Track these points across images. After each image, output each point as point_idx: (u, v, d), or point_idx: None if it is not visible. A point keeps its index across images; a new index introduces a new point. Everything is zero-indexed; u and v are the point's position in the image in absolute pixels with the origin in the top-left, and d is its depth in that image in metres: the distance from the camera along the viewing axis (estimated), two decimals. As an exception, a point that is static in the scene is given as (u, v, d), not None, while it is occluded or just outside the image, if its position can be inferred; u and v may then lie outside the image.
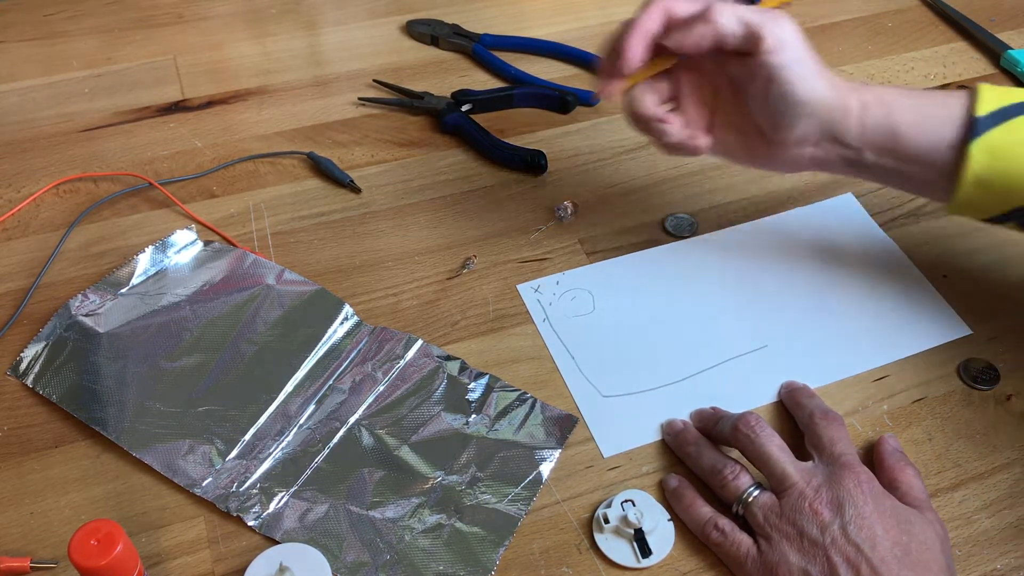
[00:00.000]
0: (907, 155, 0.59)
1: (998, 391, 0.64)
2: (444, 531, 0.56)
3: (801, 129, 0.59)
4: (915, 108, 0.59)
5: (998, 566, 0.55)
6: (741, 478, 0.55)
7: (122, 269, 0.69)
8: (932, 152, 0.59)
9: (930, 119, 0.58)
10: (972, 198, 0.59)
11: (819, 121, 0.59)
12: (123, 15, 0.94)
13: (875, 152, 0.60)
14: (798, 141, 0.60)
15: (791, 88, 0.57)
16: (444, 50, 0.92)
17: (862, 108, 0.59)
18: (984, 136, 0.57)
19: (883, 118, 0.59)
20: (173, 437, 0.59)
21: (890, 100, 0.59)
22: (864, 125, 0.59)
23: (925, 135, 0.58)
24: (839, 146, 0.60)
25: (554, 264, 0.71)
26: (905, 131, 0.59)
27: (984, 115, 0.57)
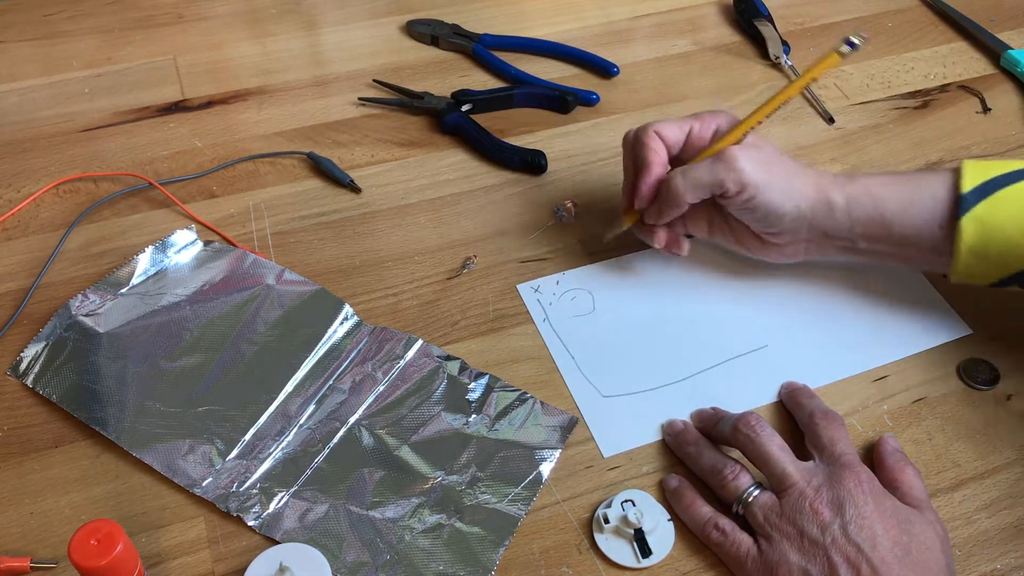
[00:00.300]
0: (899, 240, 0.62)
1: (998, 391, 0.64)
2: (444, 531, 0.56)
3: (789, 233, 0.64)
4: (901, 195, 0.62)
5: (998, 566, 0.55)
6: (741, 478, 0.55)
7: (122, 269, 0.69)
8: (923, 234, 0.61)
9: (916, 204, 0.61)
10: (970, 269, 0.61)
11: (806, 223, 0.63)
12: (123, 15, 0.94)
13: (867, 240, 0.63)
14: (790, 241, 0.65)
15: (767, 211, 0.62)
16: (444, 50, 0.92)
17: (848, 202, 0.62)
18: (972, 211, 0.59)
19: (871, 209, 0.62)
20: (173, 437, 0.59)
21: (876, 191, 0.62)
22: (852, 218, 0.62)
23: (913, 220, 0.61)
24: (831, 238, 0.64)
25: (554, 264, 0.72)
26: (894, 219, 0.62)
27: (969, 191, 0.59)
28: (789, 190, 0.62)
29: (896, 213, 0.62)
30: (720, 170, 0.61)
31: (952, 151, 0.82)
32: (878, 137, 0.83)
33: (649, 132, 0.65)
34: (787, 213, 0.62)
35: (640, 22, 0.96)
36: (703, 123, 0.65)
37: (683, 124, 0.65)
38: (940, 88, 0.89)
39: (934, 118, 0.85)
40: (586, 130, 0.83)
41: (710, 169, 0.62)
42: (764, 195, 0.62)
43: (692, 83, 0.88)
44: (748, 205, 0.62)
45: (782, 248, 0.66)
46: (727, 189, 0.62)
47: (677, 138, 0.65)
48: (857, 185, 0.63)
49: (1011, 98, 0.88)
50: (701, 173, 0.62)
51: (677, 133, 0.65)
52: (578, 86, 0.86)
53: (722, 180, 0.61)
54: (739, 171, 0.61)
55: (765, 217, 0.63)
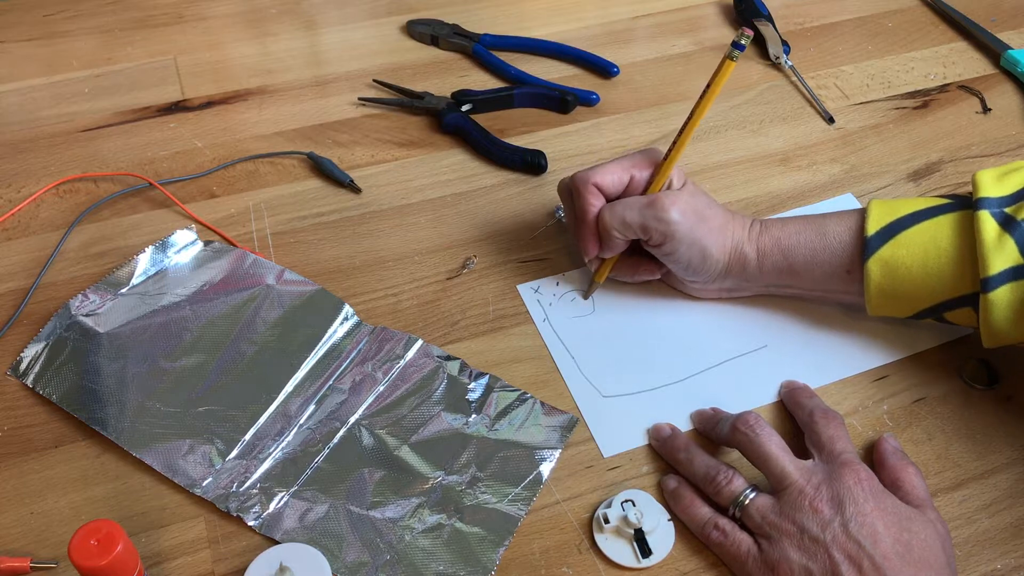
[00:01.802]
0: (810, 286, 0.65)
1: (998, 391, 0.64)
2: (444, 531, 0.56)
3: (703, 281, 0.66)
4: (808, 244, 0.64)
5: (998, 566, 0.55)
6: (735, 482, 0.55)
7: (122, 269, 0.69)
8: (831, 280, 0.64)
9: (823, 252, 0.63)
10: (883, 307, 0.63)
11: (722, 274, 0.65)
12: (123, 15, 0.94)
13: (780, 286, 0.66)
14: (705, 284, 0.67)
15: (688, 263, 0.64)
16: (444, 50, 0.92)
17: (760, 256, 0.65)
18: (877, 253, 0.61)
19: (780, 261, 0.64)
20: (173, 437, 0.59)
21: (784, 242, 0.64)
22: (763, 270, 0.65)
23: (821, 267, 0.64)
24: (745, 282, 0.66)
25: (554, 264, 0.71)
26: (802, 269, 0.64)
27: (873, 234, 0.61)
28: (709, 246, 0.63)
29: (804, 263, 0.64)
30: (649, 216, 0.62)
31: (952, 151, 0.82)
32: (878, 137, 0.83)
33: (588, 185, 0.64)
34: (705, 268, 0.64)
35: (640, 22, 0.96)
36: (642, 168, 0.64)
37: (622, 172, 0.64)
38: (940, 88, 0.89)
39: (934, 118, 0.85)
40: (586, 130, 0.83)
41: (640, 212, 0.62)
42: (686, 249, 0.63)
43: (692, 83, 0.88)
44: (669, 256, 0.64)
45: (701, 290, 0.68)
46: (651, 236, 0.62)
47: (615, 187, 0.64)
48: (767, 237, 0.64)
49: (1011, 98, 0.88)
50: (631, 213, 0.62)
51: (616, 183, 0.64)
52: (578, 86, 0.86)
53: (648, 227, 0.62)
54: (667, 222, 0.61)
55: (685, 268, 0.65)
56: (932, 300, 0.61)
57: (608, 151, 0.81)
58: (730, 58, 0.60)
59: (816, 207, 0.76)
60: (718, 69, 0.61)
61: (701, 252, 0.63)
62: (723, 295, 0.68)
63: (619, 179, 0.64)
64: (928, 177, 0.79)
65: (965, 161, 0.81)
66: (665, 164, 0.63)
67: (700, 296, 0.69)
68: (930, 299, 0.61)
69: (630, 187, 0.64)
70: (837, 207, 0.76)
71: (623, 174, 0.64)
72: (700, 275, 0.65)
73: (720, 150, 0.81)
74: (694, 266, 0.64)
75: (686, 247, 0.63)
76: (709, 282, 0.66)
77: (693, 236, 0.62)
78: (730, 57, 0.60)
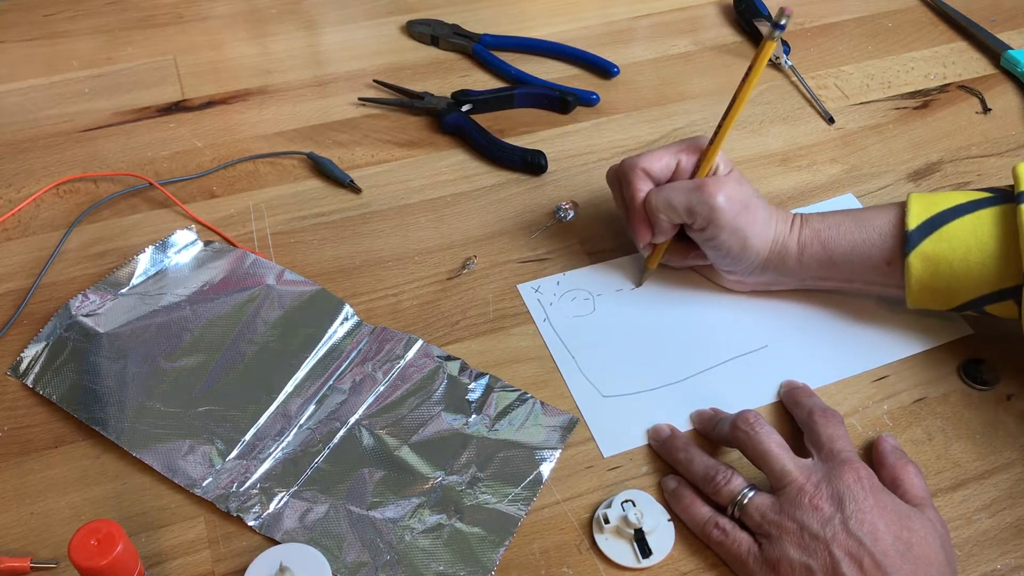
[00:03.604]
0: (848, 278, 0.65)
1: (998, 391, 0.64)
2: (444, 531, 0.56)
3: (742, 272, 0.66)
4: (848, 236, 0.64)
5: (998, 566, 0.55)
6: (734, 481, 0.55)
7: (122, 269, 0.69)
8: (871, 272, 0.64)
9: (864, 244, 0.63)
10: (923, 300, 0.63)
11: (760, 267, 0.65)
12: (123, 15, 0.94)
13: (818, 279, 0.66)
14: (743, 277, 0.67)
15: (727, 252, 0.64)
16: (444, 50, 0.92)
17: (800, 248, 0.65)
18: (918, 248, 0.61)
19: (820, 253, 0.64)
20: (173, 437, 0.59)
21: (824, 235, 0.64)
22: (803, 262, 0.65)
23: (861, 260, 0.64)
24: (783, 276, 0.66)
25: (554, 264, 0.72)
26: (842, 261, 0.64)
27: (914, 228, 0.61)
28: (751, 236, 0.63)
29: (843, 254, 0.64)
30: (695, 200, 0.62)
31: (952, 151, 0.82)
32: (878, 137, 0.83)
33: (636, 170, 0.64)
34: (744, 258, 0.64)
35: (640, 22, 0.96)
36: (690, 154, 0.65)
37: (670, 157, 0.65)
38: (940, 88, 0.89)
39: (934, 118, 0.85)
40: (586, 130, 0.83)
41: (687, 195, 0.62)
42: (727, 236, 0.63)
43: (692, 83, 0.88)
44: (711, 242, 0.64)
45: (737, 282, 0.68)
46: (695, 220, 0.63)
47: (663, 172, 0.65)
48: (808, 229, 0.64)
49: (1011, 98, 0.88)
50: (677, 196, 0.63)
51: (664, 168, 0.65)
52: (578, 86, 0.86)
53: (694, 210, 0.62)
54: (712, 207, 0.62)
55: (725, 255, 0.64)
56: (973, 294, 0.61)
57: (608, 151, 0.81)
58: (770, 38, 0.60)
59: (816, 207, 0.76)
60: (759, 50, 0.61)
61: (742, 241, 0.63)
62: (759, 288, 0.68)
63: (667, 164, 0.65)
64: (928, 177, 0.79)
65: (965, 161, 0.81)
66: (710, 149, 0.64)
67: (736, 289, 0.69)
68: (971, 293, 0.61)
69: (677, 172, 0.65)
70: (838, 207, 0.76)
71: (671, 159, 0.65)
72: (739, 265, 0.65)
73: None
74: (734, 255, 0.64)
75: (727, 234, 0.62)
76: (747, 274, 0.66)
77: (736, 224, 0.62)
78: (770, 37, 0.60)
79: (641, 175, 0.64)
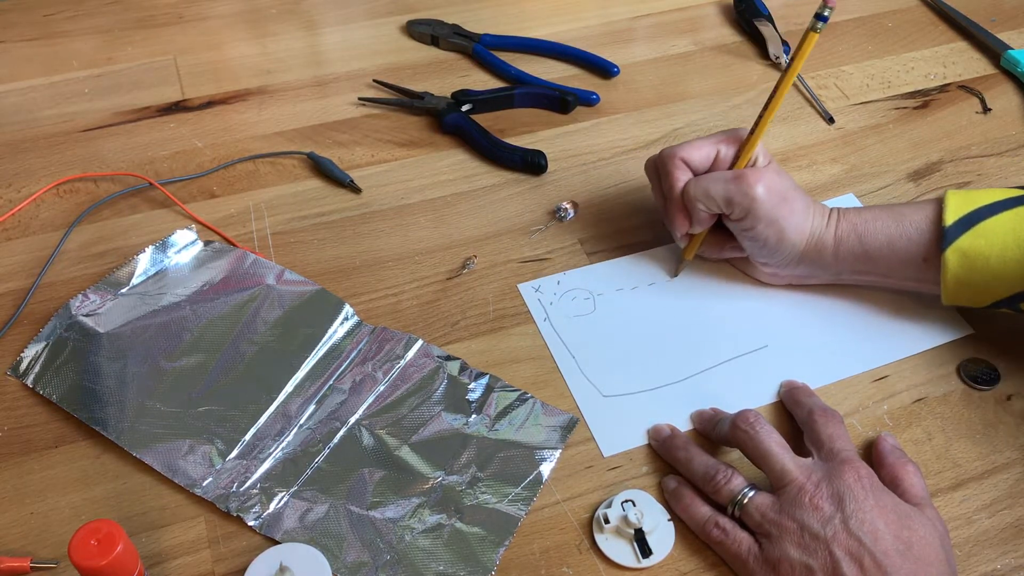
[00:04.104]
0: (885, 272, 0.65)
1: (998, 391, 0.64)
2: (444, 531, 0.56)
3: (777, 264, 0.66)
4: (885, 231, 0.64)
5: (998, 566, 0.55)
6: (734, 481, 0.55)
7: (122, 269, 0.69)
8: (908, 267, 0.64)
9: (900, 239, 0.63)
10: (959, 296, 0.63)
11: (794, 258, 0.65)
12: (123, 15, 0.94)
13: (854, 273, 0.66)
14: (778, 269, 0.67)
15: (764, 243, 0.64)
16: (444, 50, 0.92)
17: (836, 242, 0.64)
18: (955, 243, 0.61)
19: (857, 247, 0.64)
20: (173, 437, 0.59)
21: (861, 228, 0.64)
22: (839, 256, 0.65)
23: (897, 254, 0.64)
24: (819, 269, 0.66)
25: (554, 264, 0.72)
26: (878, 256, 0.64)
27: (952, 223, 0.61)
28: (788, 228, 0.63)
29: (880, 249, 0.64)
30: (734, 190, 0.62)
31: (952, 151, 0.82)
32: (878, 137, 0.83)
33: (674, 160, 0.65)
34: (780, 250, 0.64)
35: (640, 22, 0.96)
36: (729, 145, 0.65)
37: (708, 147, 0.65)
38: (940, 88, 0.89)
39: (934, 118, 0.85)
40: (586, 130, 0.83)
41: (725, 185, 0.63)
42: (764, 227, 0.63)
43: (692, 83, 0.88)
44: (747, 233, 0.64)
45: (771, 275, 0.68)
46: (733, 210, 0.63)
47: (702, 162, 0.65)
48: (845, 223, 0.64)
49: (1011, 98, 0.88)
50: (716, 186, 0.63)
51: (703, 158, 0.65)
52: (578, 86, 0.86)
53: (732, 199, 0.62)
54: (751, 197, 0.62)
55: (761, 247, 0.64)
56: (1010, 290, 0.61)
57: (608, 151, 0.81)
58: (813, 30, 0.60)
59: (816, 207, 0.76)
60: (801, 42, 0.61)
61: (779, 233, 0.63)
62: (794, 282, 0.68)
63: (706, 154, 0.65)
64: (928, 177, 0.79)
65: (965, 161, 0.81)
66: (750, 140, 0.64)
67: (770, 283, 0.69)
68: (1008, 289, 0.61)
69: (716, 163, 0.65)
70: (837, 207, 0.76)
71: (710, 149, 0.65)
72: (775, 257, 0.65)
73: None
74: (770, 246, 0.64)
75: (765, 225, 0.63)
76: (782, 266, 0.66)
77: (774, 215, 0.62)
78: (813, 29, 0.60)
79: (680, 164, 0.65)
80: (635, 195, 0.77)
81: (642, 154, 0.81)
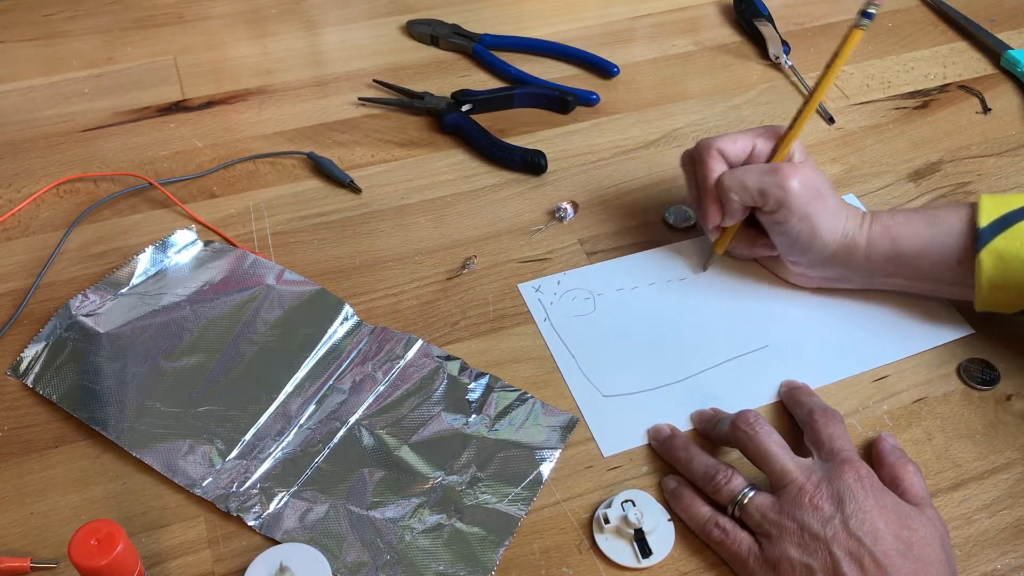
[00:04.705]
0: (917, 276, 0.64)
1: (998, 391, 0.64)
2: (444, 531, 0.56)
3: (808, 263, 0.66)
4: (919, 233, 0.63)
5: (998, 566, 0.55)
6: (734, 481, 0.55)
7: (122, 269, 0.69)
8: (941, 270, 0.63)
9: (934, 242, 0.63)
10: (993, 300, 0.62)
11: (826, 258, 0.65)
12: (123, 15, 0.94)
13: (885, 276, 0.65)
14: (808, 270, 0.67)
15: (796, 240, 0.63)
16: (444, 50, 0.92)
17: (869, 244, 0.64)
18: (990, 244, 0.60)
19: (889, 249, 0.64)
20: (173, 437, 0.59)
21: (895, 231, 0.63)
22: (871, 259, 0.64)
23: (931, 257, 0.63)
24: (850, 271, 0.66)
25: (554, 264, 0.72)
26: (912, 258, 0.63)
27: (986, 225, 0.60)
28: (820, 225, 0.63)
29: (913, 252, 0.63)
30: (769, 182, 0.62)
31: (952, 151, 0.82)
32: (878, 137, 0.83)
33: (711, 151, 0.65)
34: (812, 248, 0.64)
35: (640, 22, 0.96)
36: (766, 140, 0.65)
37: (745, 140, 0.65)
38: (940, 88, 0.89)
39: (934, 118, 0.85)
40: (586, 130, 0.83)
41: (760, 177, 0.62)
42: (797, 222, 0.62)
43: (692, 83, 0.88)
44: (780, 227, 0.63)
45: (801, 275, 0.68)
46: (767, 202, 0.62)
47: (739, 155, 0.65)
48: (878, 225, 0.64)
49: (1011, 98, 0.88)
50: (751, 177, 0.63)
51: (739, 151, 0.65)
52: (578, 86, 0.86)
53: (767, 191, 0.62)
54: (786, 190, 0.61)
55: (792, 243, 0.64)
56: None
57: (608, 151, 0.81)
58: (858, 27, 0.60)
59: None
60: (845, 38, 0.61)
61: (811, 229, 0.63)
62: (824, 284, 0.68)
63: (742, 147, 0.65)
64: (928, 177, 0.79)
65: (965, 161, 0.81)
66: (788, 136, 0.64)
67: (800, 284, 0.68)
68: None
69: (752, 157, 0.65)
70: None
71: (746, 143, 0.65)
72: (806, 255, 0.65)
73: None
74: (802, 243, 0.63)
75: (797, 219, 0.62)
76: (813, 267, 0.66)
77: (807, 210, 0.62)
78: (858, 26, 0.60)
79: (716, 155, 0.64)
80: (635, 195, 0.77)
81: (642, 154, 0.81)
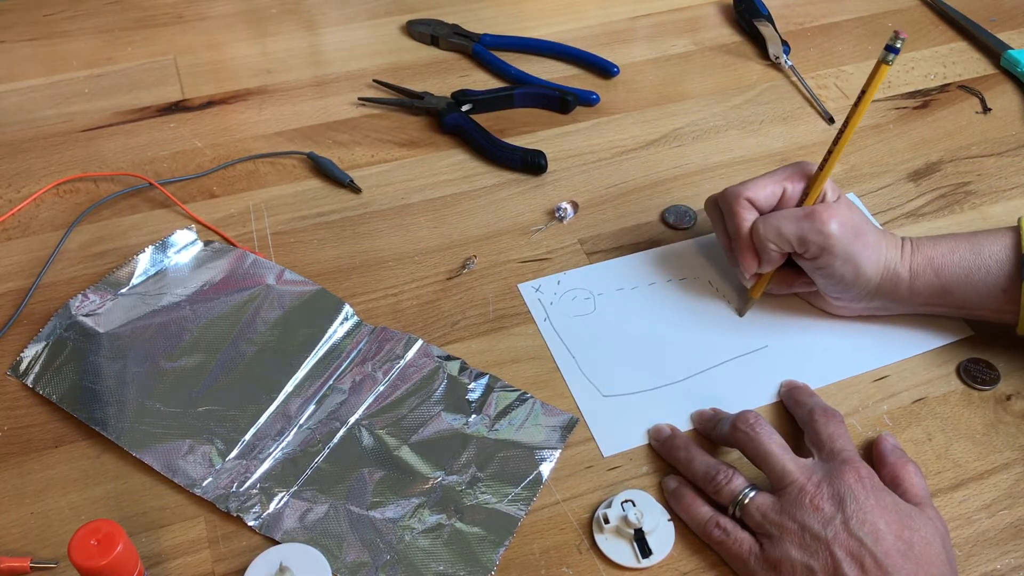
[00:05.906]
0: (961, 304, 0.64)
1: (998, 391, 0.64)
2: (444, 531, 0.56)
3: (851, 299, 0.65)
4: (962, 263, 0.62)
5: (998, 566, 0.55)
6: (735, 481, 0.55)
7: (122, 269, 0.69)
8: (985, 299, 0.62)
9: (978, 271, 0.62)
10: None
11: (870, 291, 0.64)
12: (123, 15, 0.94)
13: (929, 306, 0.65)
14: (851, 303, 0.65)
15: (839, 280, 0.62)
16: (444, 50, 0.92)
17: (912, 275, 0.63)
18: None
19: (933, 280, 0.63)
20: (173, 437, 0.59)
21: (938, 262, 0.63)
22: (914, 290, 0.63)
23: (975, 287, 0.62)
24: (893, 302, 0.65)
25: (554, 264, 0.72)
26: (955, 288, 0.63)
27: None
28: (864, 263, 0.61)
29: (958, 282, 0.62)
30: (808, 228, 0.60)
31: (952, 151, 0.82)
32: (878, 137, 0.83)
33: (740, 199, 0.63)
34: (856, 285, 0.63)
35: (640, 22, 0.96)
36: (796, 181, 0.63)
37: (775, 185, 0.63)
38: (940, 88, 0.89)
39: (934, 118, 0.85)
40: (586, 130, 0.83)
41: (797, 224, 0.61)
42: (840, 264, 0.61)
43: (692, 83, 0.88)
44: (822, 271, 0.62)
45: (843, 308, 0.66)
46: (808, 249, 0.61)
47: (769, 201, 0.63)
48: (920, 256, 0.63)
49: (1011, 98, 0.88)
50: (788, 225, 0.61)
51: (769, 197, 0.63)
52: (578, 86, 0.86)
53: (806, 239, 0.60)
54: (826, 235, 0.60)
55: (836, 283, 0.63)
56: None
57: (608, 151, 0.81)
58: (885, 62, 0.59)
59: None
60: (873, 74, 0.60)
61: (855, 268, 0.61)
62: (865, 313, 0.66)
63: (772, 192, 0.63)
64: (928, 177, 0.79)
65: (965, 161, 0.81)
66: (820, 176, 0.62)
67: (842, 315, 0.67)
68: None
69: (783, 200, 0.63)
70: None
71: (775, 187, 0.63)
72: (849, 292, 0.63)
73: (720, 150, 0.81)
74: (846, 282, 0.62)
75: (841, 262, 0.61)
76: (857, 300, 0.65)
77: (849, 251, 0.60)
78: (885, 61, 0.59)
79: (746, 204, 0.63)
80: (635, 195, 0.77)
81: (642, 154, 0.81)
